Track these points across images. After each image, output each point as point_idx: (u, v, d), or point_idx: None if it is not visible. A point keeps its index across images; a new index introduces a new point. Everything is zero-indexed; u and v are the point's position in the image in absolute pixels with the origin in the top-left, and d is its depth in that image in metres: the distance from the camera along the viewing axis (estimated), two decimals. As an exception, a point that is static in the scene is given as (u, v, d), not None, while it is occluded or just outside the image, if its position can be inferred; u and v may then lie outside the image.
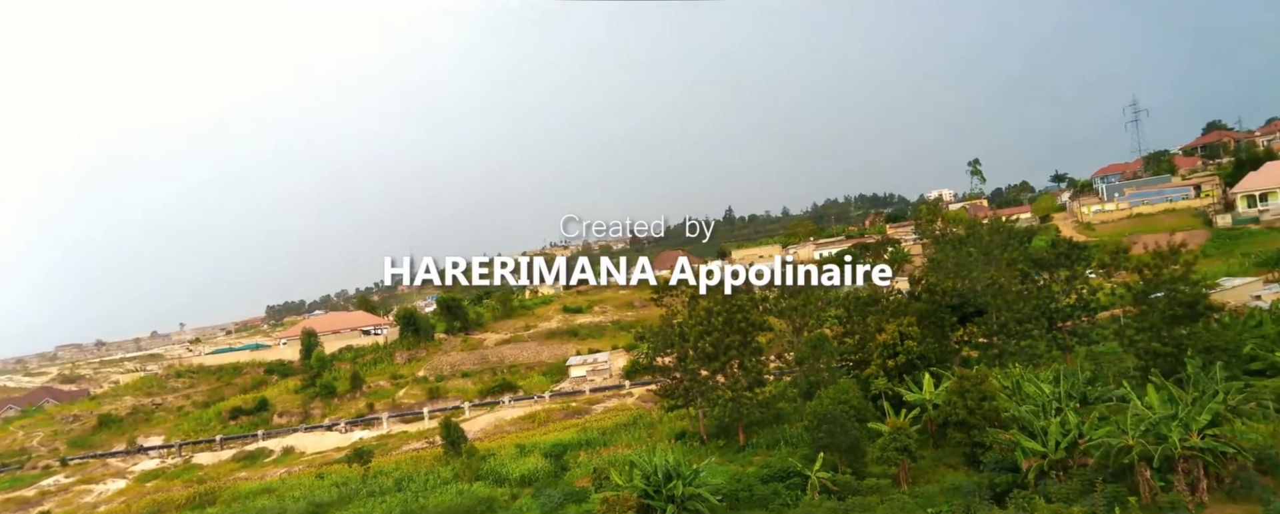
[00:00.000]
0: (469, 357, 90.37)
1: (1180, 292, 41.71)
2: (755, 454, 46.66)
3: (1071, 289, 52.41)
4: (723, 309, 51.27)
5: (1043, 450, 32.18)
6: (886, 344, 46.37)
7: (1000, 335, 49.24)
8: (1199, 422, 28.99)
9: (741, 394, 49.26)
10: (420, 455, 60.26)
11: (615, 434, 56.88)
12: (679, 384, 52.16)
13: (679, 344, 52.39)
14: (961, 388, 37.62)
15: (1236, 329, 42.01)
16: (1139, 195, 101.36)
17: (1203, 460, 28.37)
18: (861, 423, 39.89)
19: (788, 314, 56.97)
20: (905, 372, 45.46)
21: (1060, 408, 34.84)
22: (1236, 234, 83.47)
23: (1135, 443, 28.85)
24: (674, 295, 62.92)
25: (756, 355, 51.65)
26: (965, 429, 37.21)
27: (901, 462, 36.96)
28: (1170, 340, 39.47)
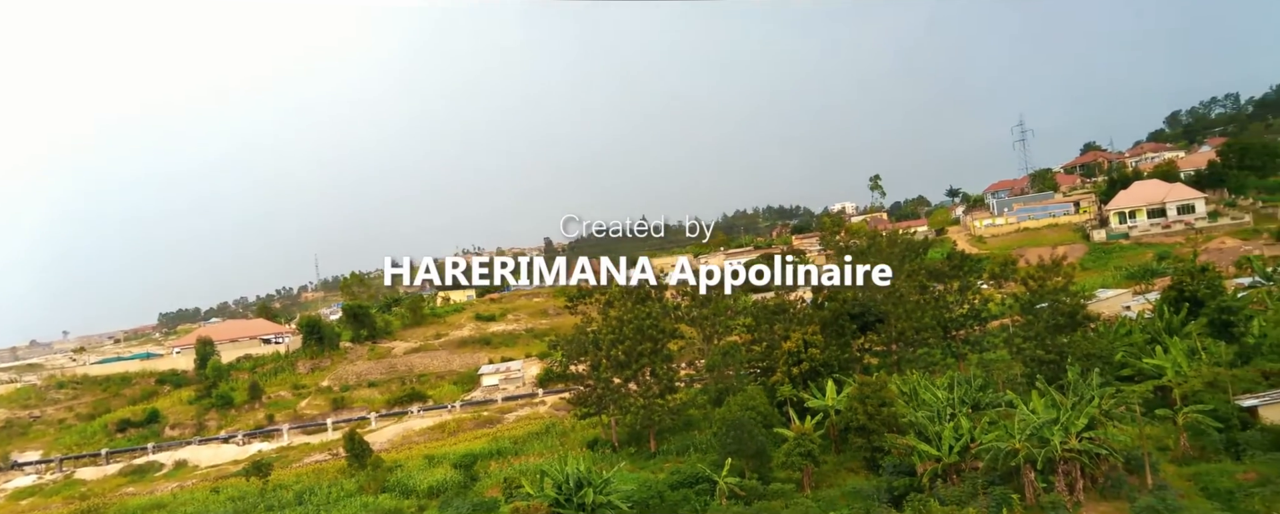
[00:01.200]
0: (376, 366, 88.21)
1: (1062, 302, 44.69)
2: (666, 461, 47.27)
3: (964, 299, 55.18)
4: (634, 317, 51.88)
5: (937, 455, 33.85)
6: (792, 352, 47.85)
7: (899, 343, 51.44)
8: (1077, 425, 31.09)
9: (653, 401, 49.89)
10: (323, 468, 58.51)
11: (527, 443, 56.61)
12: (592, 392, 52.40)
13: (592, 352, 52.66)
14: (862, 394, 39.20)
15: (1110, 338, 45.07)
16: (1026, 211, 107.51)
17: (1080, 462, 30.43)
18: (768, 429, 41.03)
19: (698, 322, 58.01)
20: (810, 378, 46.98)
21: (954, 413, 36.69)
22: (1110, 248, 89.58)
23: (1021, 446, 30.70)
24: (588, 303, 63.26)
25: (668, 363, 52.42)
26: (866, 434, 38.74)
27: (805, 466, 38.17)
28: (1053, 348, 42.18)
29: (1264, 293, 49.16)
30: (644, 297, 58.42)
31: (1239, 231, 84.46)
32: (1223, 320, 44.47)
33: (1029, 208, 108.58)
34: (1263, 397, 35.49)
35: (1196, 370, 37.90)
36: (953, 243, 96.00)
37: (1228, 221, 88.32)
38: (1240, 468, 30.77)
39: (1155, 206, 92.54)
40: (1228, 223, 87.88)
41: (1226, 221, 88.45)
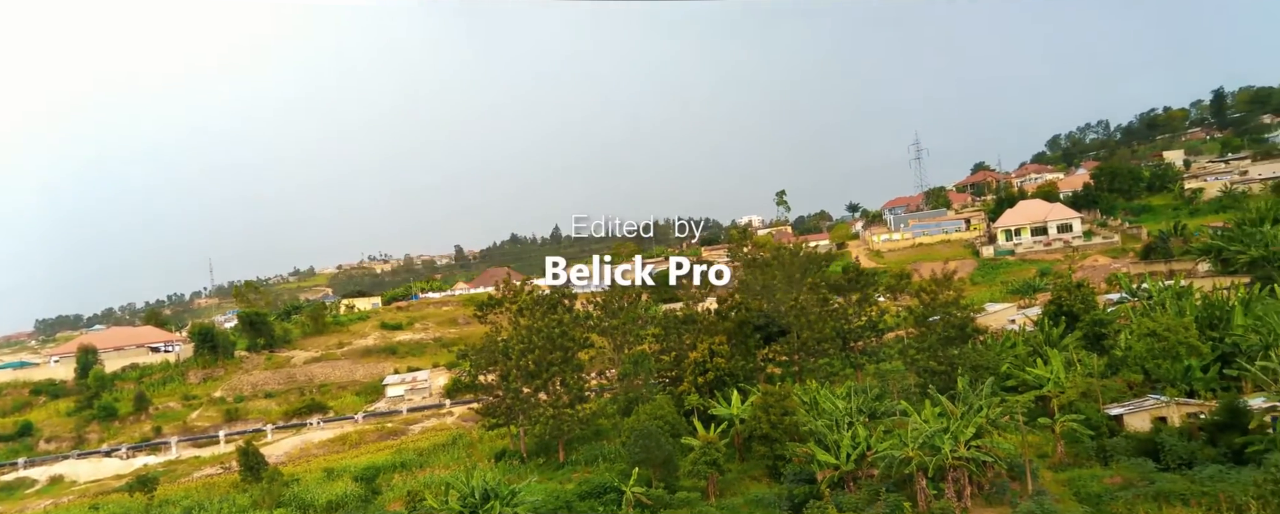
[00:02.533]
0: (274, 376, 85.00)
1: (953, 316, 47.11)
2: (575, 471, 47.40)
3: (863, 311, 57.50)
4: (545, 326, 51.89)
5: (836, 463, 35.21)
6: (699, 361, 48.82)
7: (801, 353, 53.17)
8: (966, 434, 32.89)
9: (563, 411, 49.93)
10: (214, 482, 56.12)
11: (433, 455, 55.71)
12: (501, 402, 52.04)
13: (502, 361, 52.34)
14: (766, 403, 40.36)
15: (996, 350, 47.78)
16: (920, 227, 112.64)
17: (968, 469, 32.22)
18: (675, 438, 41.71)
19: (609, 332, 58.40)
20: (716, 388, 48.02)
21: (851, 422, 38.22)
22: (997, 264, 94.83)
23: (914, 454, 32.29)
24: (499, 312, 62.79)
25: (578, 372, 52.58)
26: (768, 443, 39.89)
27: (710, 475, 39.01)
28: (944, 360, 44.43)
29: (1130, 308, 52.98)
30: (555, 305, 58.47)
31: (1109, 250, 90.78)
32: (1095, 334, 47.84)
33: (924, 224, 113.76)
34: (1128, 406, 38.40)
35: (1072, 381, 40.59)
36: (852, 257, 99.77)
37: (1100, 241, 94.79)
38: (1108, 473, 33.17)
39: (1038, 225, 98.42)
40: (1100, 242, 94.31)
41: (1099, 240, 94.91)
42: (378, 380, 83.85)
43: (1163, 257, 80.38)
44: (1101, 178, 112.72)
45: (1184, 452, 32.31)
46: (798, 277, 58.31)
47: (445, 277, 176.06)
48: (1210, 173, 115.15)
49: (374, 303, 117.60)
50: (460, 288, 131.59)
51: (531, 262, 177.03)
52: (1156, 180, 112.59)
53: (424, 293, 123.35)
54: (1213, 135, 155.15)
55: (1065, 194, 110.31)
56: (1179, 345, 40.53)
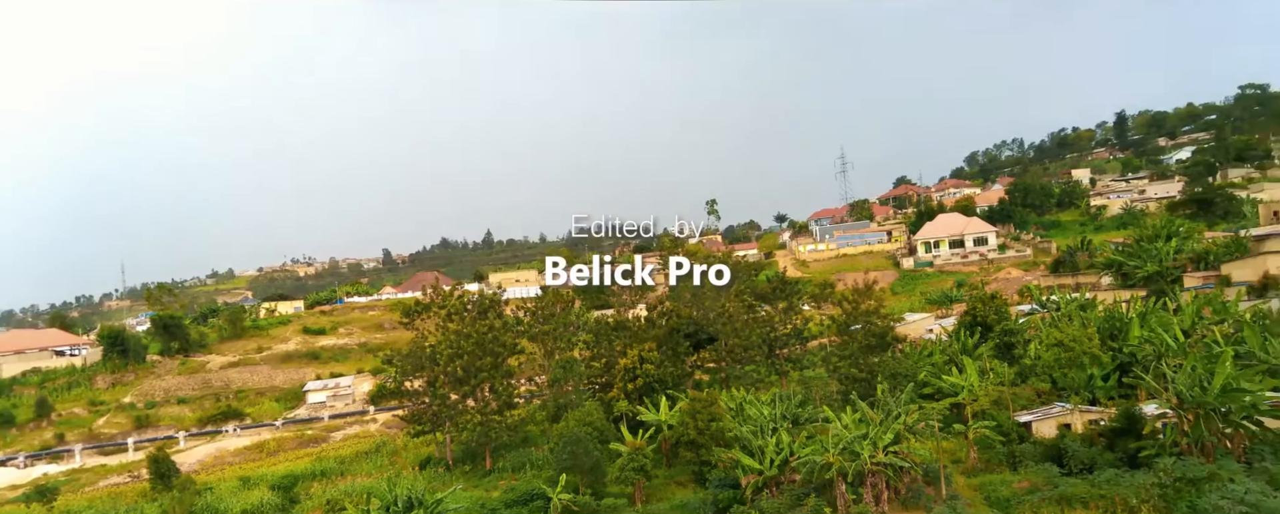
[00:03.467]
0: (188, 381, 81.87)
1: (874, 324, 48.61)
2: (502, 478, 47.11)
3: (788, 319, 58.78)
4: (475, 331, 51.49)
5: (759, 468, 35.93)
6: (629, 367, 49.18)
7: (728, 360, 54.06)
8: (884, 440, 33.99)
9: (491, 418, 49.59)
10: (120, 491, 53.84)
11: (355, 463, 54.59)
12: (427, 409, 51.39)
13: (430, 367, 51.71)
14: (693, 409, 40.92)
15: (915, 358, 49.49)
16: (845, 238, 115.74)
17: (885, 474, 33.30)
18: (604, 444, 41.91)
19: (540, 338, 58.26)
20: (645, 394, 48.45)
21: (775, 428, 39.05)
22: (917, 275, 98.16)
23: (835, 460, 33.20)
24: (427, 317, 61.98)
25: (507, 379, 52.32)
26: (695, 448, 40.45)
27: (637, 481, 39.32)
28: (865, 367, 45.81)
29: (1039, 319, 55.51)
30: (485, 310, 58.07)
31: (1021, 263, 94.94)
32: (1006, 343, 50.00)
33: (848, 236, 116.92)
34: (1036, 413, 40.24)
35: (985, 389, 42.33)
36: (780, 266, 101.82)
37: (1013, 254, 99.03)
38: (1017, 477, 34.69)
39: (955, 238, 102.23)
40: (1013, 255, 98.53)
41: (1012, 254, 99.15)
42: (299, 386, 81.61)
43: (1070, 270, 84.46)
44: (1015, 193, 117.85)
45: (1085, 457, 34.01)
46: (726, 285, 59.19)
47: (372, 281, 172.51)
48: (1113, 191, 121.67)
49: (296, 307, 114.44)
50: (387, 292, 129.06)
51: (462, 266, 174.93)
52: (1065, 197, 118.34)
53: (349, 297, 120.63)
54: (1115, 155, 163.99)
55: (981, 208, 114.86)
56: (1083, 355, 42.73)
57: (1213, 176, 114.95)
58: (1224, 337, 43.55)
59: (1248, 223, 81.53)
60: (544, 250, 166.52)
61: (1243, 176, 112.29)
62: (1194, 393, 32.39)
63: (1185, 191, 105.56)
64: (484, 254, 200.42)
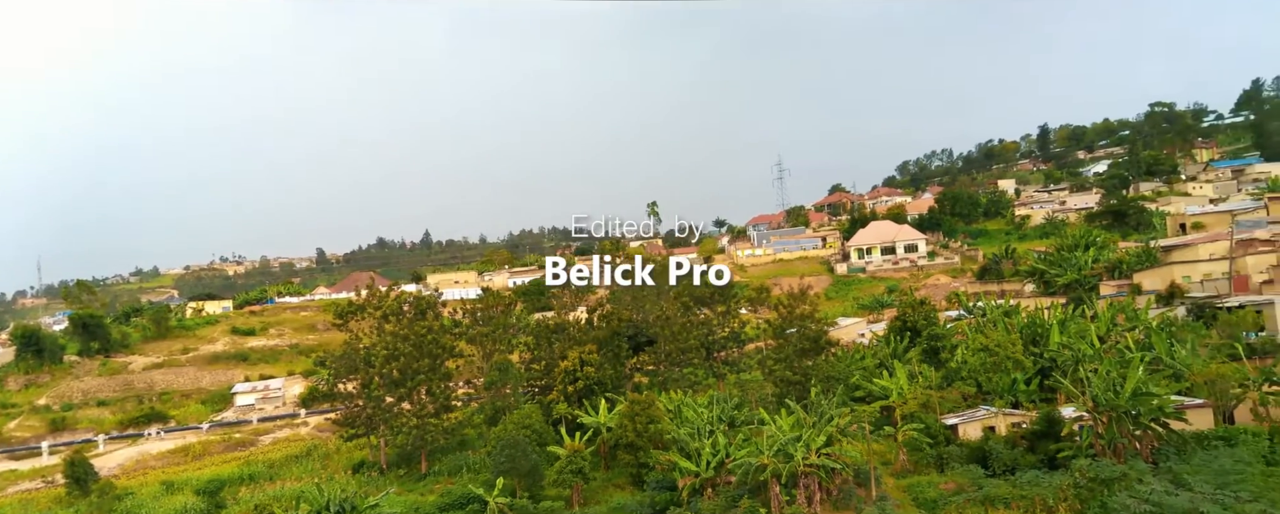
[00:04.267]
0: (109, 382, 78.72)
1: (808, 328, 49.70)
2: (437, 482, 46.69)
3: (726, 323, 59.61)
4: (413, 333, 50.87)
5: (696, 470, 36.45)
6: (569, 370, 49.24)
7: (667, 363, 54.59)
8: (817, 442, 34.85)
9: (427, 421, 49.07)
10: (32, 497, 51.66)
11: (285, 467, 53.37)
12: (361, 411, 50.59)
13: (364, 369, 50.93)
14: (632, 412, 41.25)
15: (847, 362, 50.76)
16: (781, 243, 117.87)
17: (818, 476, 34.15)
18: (542, 447, 41.94)
19: (479, 340, 57.87)
20: (585, 396, 48.58)
21: (712, 430, 39.66)
22: (850, 281, 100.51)
23: (769, 462, 33.91)
24: (361, 318, 60.88)
25: (445, 381, 51.84)
26: (633, 451, 40.77)
27: (575, 484, 39.44)
28: (800, 370, 46.82)
29: (966, 325, 57.51)
30: (423, 311, 57.39)
31: (950, 270, 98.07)
32: (934, 348, 51.68)
33: (784, 241, 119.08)
34: (962, 416, 41.74)
35: (914, 393, 43.70)
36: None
37: (942, 261, 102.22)
38: (944, 479, 35.94)
39: (887, 245, 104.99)
40: (942, 262, 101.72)
41: (941, 261, 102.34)
42: (226, 388, 79.23)
43: (995, 277, 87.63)
44: (944, 202, 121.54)
45: (1008, 459, 35.44)
46: (666, 288, 59.76)
47: (305, 280, 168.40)
48: (1036, 201, 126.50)
49: (225, 306, 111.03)
50: (321, 292, 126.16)
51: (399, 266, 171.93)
52: (991, 206, 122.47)
53: (281, 297, 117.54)
54: (1038, 167, 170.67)
55: (912, 216, 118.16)
56: (1007, 360, 44.46)
57: (1126, 189, 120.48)
58: (1135, 343, 45.88)
59: (1157, 234, 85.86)
60: (484, 251, 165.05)
61: (1153, 190, 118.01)
62: (1108, 397, 34.07)
63: (1102, 203, 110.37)
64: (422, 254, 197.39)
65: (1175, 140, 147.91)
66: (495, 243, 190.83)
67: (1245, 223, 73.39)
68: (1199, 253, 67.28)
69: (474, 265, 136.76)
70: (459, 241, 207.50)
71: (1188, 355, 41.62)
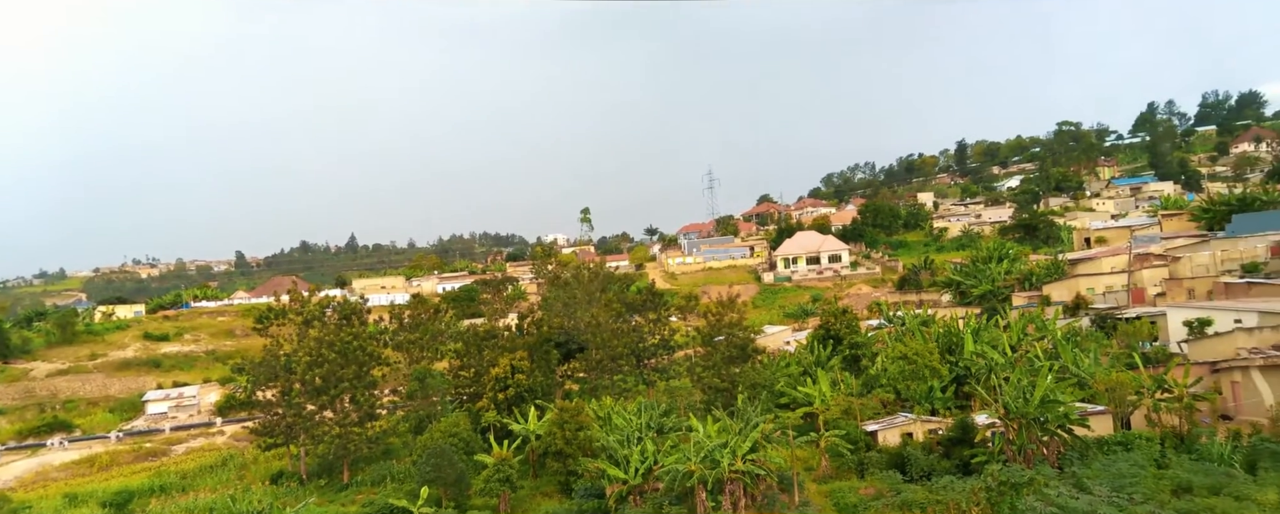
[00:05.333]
0: (8, 390, 74.51)
1: (736, 336, 50.61)
2: (360, 492, 45.75)
3: (657, 330, 60.19)
4: (338, 340, 49.83)
5: (625, 477, 36.68)
6: (499, 377, 48.93)
7: (597, 370, 54.76)
8: (743, 449, 35.48)
9: (350, 429, 48.08)
10: (-83, 514, 48.46)
11: (199, 477, 51.58)
12: (281, 420, 49.26)
13: (284, 376, 49.62)
14: (562, 419, 41.23)
15: (773, 369, 51.76)
16: (711, 252, 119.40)
17: (743, 482, 34.77)
18: (470, 455, 41.56)
19: (406, 347, 57.04)
20: (515, 404, 48.33)
21: (640, 437, 39.97)
22: (777, 289, 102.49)
23: (696, 468, 34.37)
24: (282, 324, 59.35)
25: (370, 389, 50.90)
26: (562, 459, 40.76)
27: (502, 492, 39.22)
28: (727, 377, 47.62)
29: (886, 334, 59.34)
30: (348, 316, 56.30)
31: (871, 280, 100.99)
32: (855, 356, 53.21)
33: (714, 250, 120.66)
34: (881, 422, 43.03)
35: (836, 400, 44.91)
36: (650, 278, 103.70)
37: (864, 271, 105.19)
38: (864, 484, 36.99)
39: (812, 255, 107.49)
40: (864, 272, 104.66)
41: (863, 271, 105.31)
42: (137, 396, 75.89)
43: (915, 287, 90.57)
44: (867, 214, 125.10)
45: (925, 464, 36.68)
46: (598, 295, 60.06)
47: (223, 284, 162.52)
48: (953, 214, 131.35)
49: (137, 311, 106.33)
50: (240, 297, 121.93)
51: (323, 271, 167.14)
52: (911, 218, 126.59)
53: (197, 301, 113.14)
54: (956, 181, 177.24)
55: (836, 227, 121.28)
56: (924, 368, 45.99)
57: (1037, 204, 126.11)
58: (1044, 352, 48.11)
59: (1064, 247, 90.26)
60: (413, 256, 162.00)
61: (1061, 205, 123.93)
62: (1018, 404, 35.67)
63: (1014, 217, 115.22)
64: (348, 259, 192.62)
65: (1081, 158, 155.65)
66: (425, 248, 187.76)
67: (1142, 238, 77.83)
68: (1102, 266, 71.03)
69: (402, 271, 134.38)
70: (387, 246, 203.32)
71: (1091, 364, 43.91)
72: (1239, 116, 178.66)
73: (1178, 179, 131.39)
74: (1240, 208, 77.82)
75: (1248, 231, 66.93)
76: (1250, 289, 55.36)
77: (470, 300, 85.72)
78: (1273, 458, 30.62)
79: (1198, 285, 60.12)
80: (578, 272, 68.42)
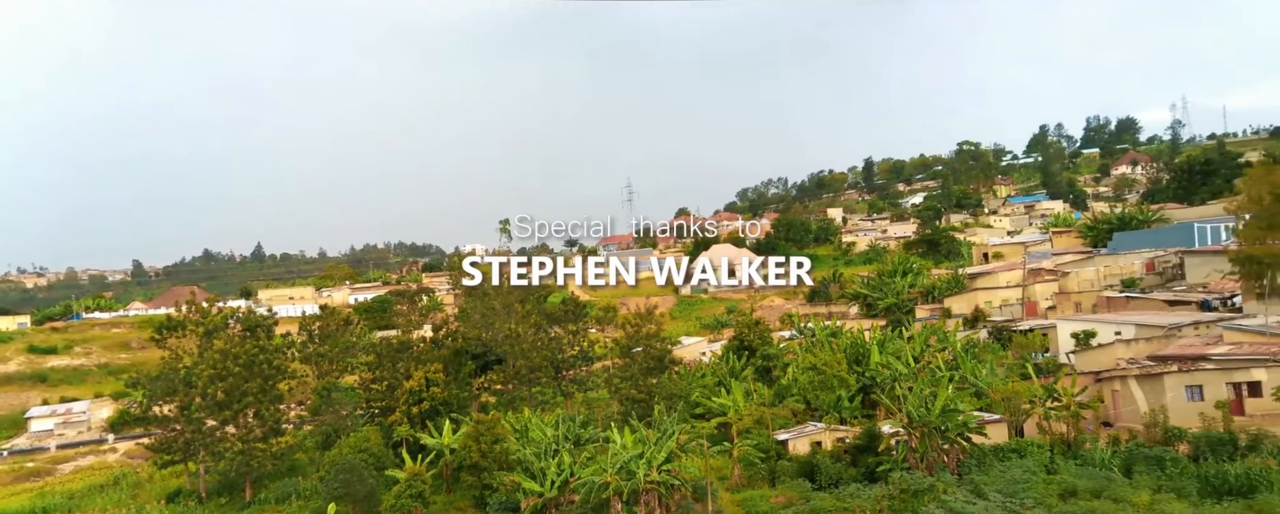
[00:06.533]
0: None
1: (653, 347, 51.24)
2: (263, 510, 44.29)
3: (576, 341, 60.31)
4: (243, 352, 48.10)
5: (540, 490, 36.68)
6: (413, 390, 48.13)
7: (515, 382, 54.47)
8: (658, 459, 35.98)
9: (254, 445, 46.42)
10: None
11: (87, 498, 48.93)
12: (179, 436, 47.20)
13: (184, 391, 47.59)
14: (477, 432, 40.86)
15: (689, 380, 52.58)
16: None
17: (658, 492, 35.26)
18: (381, 471, 40.75)
19: (314, 360, 55.44)
20: (429, 418, 47.61)
21: (557, 449, 40.01)
22: (693, 301, 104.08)
23: (612, 480, 34.67)
24: (182, 336, 56.84)
25: (276, 403, 49.28)
26: (477, 472, 40.37)
27: (414, 508, 38.58)
28: (644, 388, 48.14)
29: (796, 345, 61.05)
30: (253, 328, 54.37)
31: (784, 292, 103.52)
32: (767, 367, 54.55)
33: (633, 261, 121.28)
34: (792, 432, 44.27)
35: (749, 409, 45.95)
36: (569, 290, 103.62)
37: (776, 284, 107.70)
38: (775, 493, 37.95)
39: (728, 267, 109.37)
40: (777, 285, 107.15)
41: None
42: (19, 413, 71.23)
43: (824, 300, 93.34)
44: (780, 228, 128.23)
45: (833, 472, 37.90)
46: (516, 306, 59.75)
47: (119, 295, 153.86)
48: (861, 229, 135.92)
49: (21, 322, 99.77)
50: (137, 308, 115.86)
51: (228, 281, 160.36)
52: (822, 233, 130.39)
53: (89, 312, 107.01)
54: (864, 197, 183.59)
55: (751, 240, 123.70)
56: (833, 378, 47.61)
57: (939, 220, 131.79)
58: (945, 363, 50.40)
59: (965, 262, 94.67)
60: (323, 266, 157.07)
61: (961, 221, 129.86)
62: (921, 413, 37.33)
63: (918, 233, 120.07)
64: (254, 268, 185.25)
65: (980, 176, 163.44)
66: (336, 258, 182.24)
67: (1035, 254, 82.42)
68: (998, 281, 74.88)
69: (311, 281, 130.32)
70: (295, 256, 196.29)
71: (988, 375, 46.27)
72: (1119, 140, 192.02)
73: (1067, 198, 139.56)
74: (1120, 226, 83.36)
75: (1126, 249, 71.79)
76: (1129, 303, 59.33)
77: (384, 311, 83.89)
78: (1146, 461, 33.01)
79: (1084, 299, 64.03)
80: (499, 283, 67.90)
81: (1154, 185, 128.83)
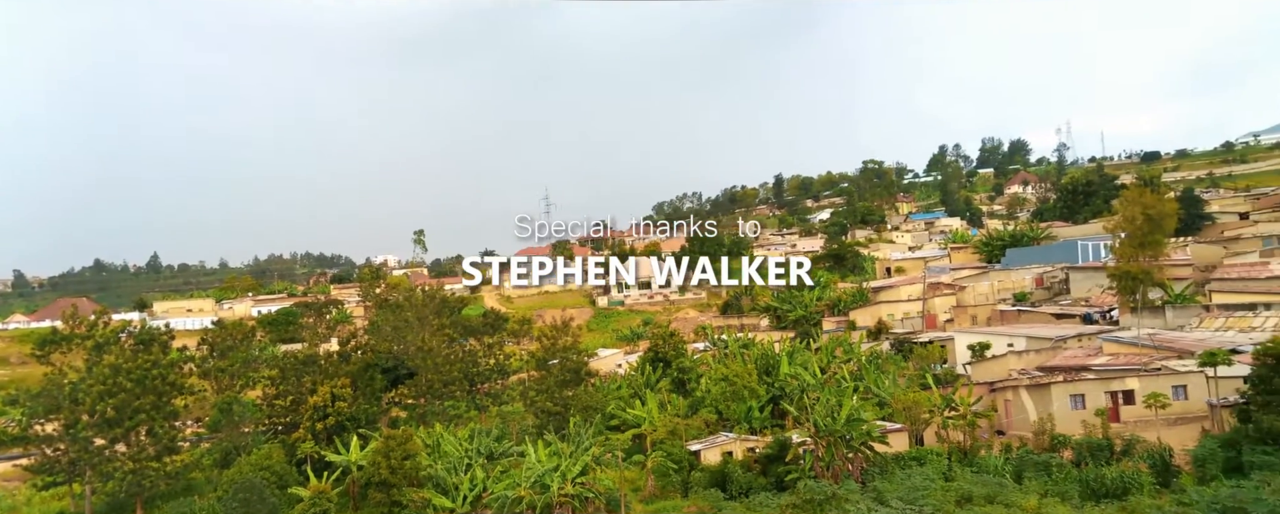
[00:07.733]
0: None
1: (570, 359, 51.27)
2: (157, 532, 42.17)
3: (492, 354, 59.74)
4: (136, 366, 45.70)
5: (452, 506, 36.24)
6: (318, 406, 46.75)
7: (428, 396, 53.52)
8: (573, 472, 36.11)
9: (146, 464, 44.11)
10: None
11: (-45, 524, 45.45)
12: (62, 456, 44.46)
13: (69, 408, 44.88)
14: (387, 448, 40.01)
15: (605, 392, 52.84)
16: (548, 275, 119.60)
17: (572, 505, 35.35)
18: (283, 489, 39.47)
19: (213, 374, 53.15)
20: (336, 434, 46.32)
21: (470, 464, 39.61)
22: (610, 313, 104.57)
23: (526, 494, 34.60)
24: (67, 350, 53.65)
25: (171, 420, 46.99)
26: (386, 489, 39.52)
27: (321, 526, 37.56)
28: (560, 401, 48.11)
29: (710, 356, 62.13)
30: (147, 342, 51.77)
31: (698, 305, 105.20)
32: (681, 378, 55.33)
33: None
34: (705, 442, 44.98)
35: (664, 421, 46.50)
36: (485, 301, 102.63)
37: (691, 296, 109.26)
38: (687, 503, 38.49)
39: (644, 280, 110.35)
40: (691, 297, 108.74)
41: (691, 296, 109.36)
42: None
43: (737, 312, 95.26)
44: (694, 242, 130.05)
45: (744, 481, 38.73)
46: (430, 318, 58.79)
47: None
48: (771, 244, 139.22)
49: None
50: (17, 320, 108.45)
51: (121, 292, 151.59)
52: (735, 247, 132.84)
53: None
54: (774, 212, 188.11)
55: (667, 253, 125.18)
56: (744, 389, 48.69)
57: (845, 235, 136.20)
58: (850, 374, 52.23)
59: (868, 276, 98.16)
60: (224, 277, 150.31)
61: (866, 237, 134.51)
62: (827, 423, 38.58)
63: (825, 248, 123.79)
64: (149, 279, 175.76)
65: (883, 194, 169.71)
66: (239, 269, 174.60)
67: (934, 269, 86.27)
68: (900, 294, 78.00)
69: (211, 292, 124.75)
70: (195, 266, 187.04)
71: (891, 385, 48.20)
72: (1011, 161, 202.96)
73: (964, 215, 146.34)
74: (1012, 243, 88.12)
75: (1018, 264, 75.93)
76: (1020, 316, 62.79)
77: (289, 324, 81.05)
78: (1034, 467, 35.05)
79: (980, 312, 67.38)
80: (411, 294, 66.60)
81: (1042, 204, 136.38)
